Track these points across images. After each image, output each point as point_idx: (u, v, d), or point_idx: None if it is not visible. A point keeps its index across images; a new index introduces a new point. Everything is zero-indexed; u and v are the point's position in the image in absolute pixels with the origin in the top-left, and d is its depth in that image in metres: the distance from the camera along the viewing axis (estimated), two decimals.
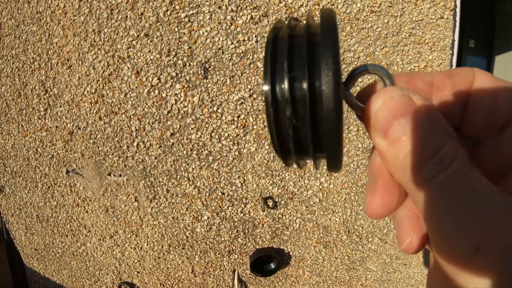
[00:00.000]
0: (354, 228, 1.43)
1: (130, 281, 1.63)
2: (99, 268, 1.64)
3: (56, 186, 1.52)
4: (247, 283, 1.54)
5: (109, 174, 1.40)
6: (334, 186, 1.34)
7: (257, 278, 1.52)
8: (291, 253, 1.46)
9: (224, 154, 1.28)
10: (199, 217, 1.37)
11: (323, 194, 1.34)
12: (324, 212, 1.37)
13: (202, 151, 1.29)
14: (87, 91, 1.36)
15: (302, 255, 1.47)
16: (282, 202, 1.34)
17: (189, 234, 1.41)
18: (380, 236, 1.48)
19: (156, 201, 1.37)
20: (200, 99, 1.27)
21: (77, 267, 1.71)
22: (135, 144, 1.34)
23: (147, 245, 1.48)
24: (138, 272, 1.58)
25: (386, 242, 1.51)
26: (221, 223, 1.37)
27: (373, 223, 1.44)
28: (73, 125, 1.41)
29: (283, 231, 1.40)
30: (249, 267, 1.39)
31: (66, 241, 1.64)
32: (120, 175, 1.39)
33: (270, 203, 1.33)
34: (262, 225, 1.38)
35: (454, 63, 1.37)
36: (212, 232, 1.39)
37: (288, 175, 1.30)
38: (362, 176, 1.35)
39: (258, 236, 1.40)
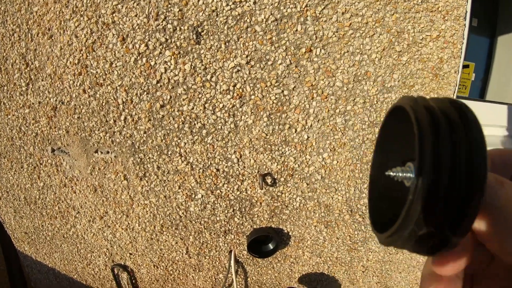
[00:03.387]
0: (357, 207, 1.30)
1: (123, 263, 1.51)
2: (90, 250, 1.51)
3: (42, 166, 1.37)
4: (244, 264, 1.41)
5: (96, 152, 1.25)
6: (337, 162, 1.20)
7: (254, 259, 1.40)
8: (290, 233, 1.33)
9: (219, 127, 1.13)
10: (193, 196, 1.23)
11: (325, 171, 1.20)
12: (326, 190, 1.24)
13: (194, 124, 1.14)
14: (70, 62, 1.20)
15: (302, 235, 1.34)
16: (282, 179, 1.20)
17: (183, 213, 1.27)
18: None
19: (146, 179, 1.23)
20: (192, 67, 1.11)
21: (68, 250, 1.57)
22: (122, 117, 1.18)
23: (139, 225, 1.34)
24: (130, 254, 1.45)
25: None
26: (216, 202, 1.23)
27: None
28: (56, 100, 1.25)
29: (282, 210, 1.27)
30: (246, 247, 1.26)
31: (55, 224, 1.50)
32: (108, 152, 1.24)
33: (269, 180, 1.19)
34: (260, 203, 1.24)
35: (465, 36, 1.21)
36: (206, 212, 1.26)
37: (288, 150, 1.16)
38: (368, 152, 1.21)
39: (256, 216, 1.27)
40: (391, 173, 0.24)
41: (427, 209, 0.16)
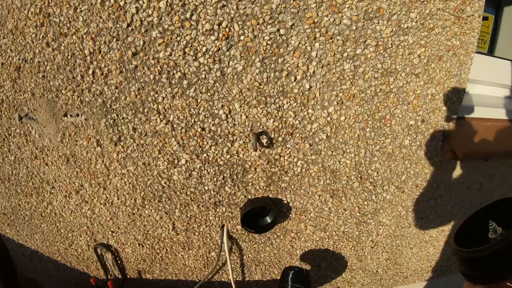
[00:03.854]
0: (368, 174, 1.11)
1: (105, 242, 1.35)
2: (70, 229, 1.35)
3: (11, 137, 1.18)
4: (238, 240, 1.25)
5: (65, 115, 1.06)
6: (345, 118, 1.00)
7: (250, 235, 1.23)
8: (290, 204, 1.16)
9: (202, 76, 0.93)
10: (175, 162, 1.05)
11: (331, 129, 1.01)
12: (332, 152, 1.05)
13: (173, 73, 0.94)
14: (32, 13, 0.98)
15: (304, 206, 1.16)
16: (280, 138, 1.01)
17: (165, 183, 1.10)
18: (398, 184, 1.17)
19: (122, 143, 1.04)
20: (168, 4, 0.89)
21: (48, 229, 1.41)
22: (90, 71, 0.98)
23: (118, 199, 1.17)
24: (112, 232, 1.29)
25: (403, 191, 1.20)
26: (203, 168, 1.05)
27: (391, 168, 1.13)
28: (19, 59, 1.04)
29: (281, 177, 1.08)
30: (239, 222, 1.09)
31: (31, 201, 1.33)
32: (78, 115, 1.05)
33: (264, 141, 1.00)
34: (255, 169, 1.06)
35: None
36: (192, 180, 1.08)
37: (287, 103, 0.96)
38: (381, 106, 1.01)
39: (250, 184, 1.09)
40: (492, 223, 0.38)
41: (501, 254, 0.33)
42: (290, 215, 1.19)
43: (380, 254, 1.40)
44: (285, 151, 1.03)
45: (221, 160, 1.04)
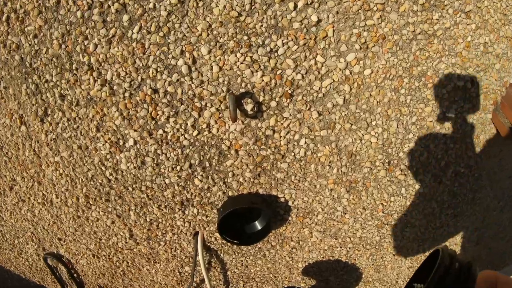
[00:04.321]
0: (399, 158, 0.72)
1: (55, 252, 0.96)
2: (15, 234, 0.96)
3: None
4: (219, 252, 0.85)
5: None
6: (372, 73, 0.61)
7: (234, 245, 0.85)
8: (290, 203, 0.77)
9: (150, 5, 0.54)
10: (121, 143, 0.66)
11: (350, 88, 0.62)
12: (351, 125, 0.65)
13: (108, 5, 0.55)
14: None
15: (309, 205, 0.77)
16: (273, 104, 0.62)
17: (111, 175, 0.70)
18: (435, 171, 0.78)
19: (49, 118, 0.65)
20: None
21: None
22: (3, 18, 0.59)
23: (57, 197, 0.78)
24: (59, 239, 0.90)
25: (440, 181, 0.81)
26: (159, 152, 0.66)
27: (429, 149, 0.74)
28: None
29: (275, 164, 0.69)
30: (217, 231, 0.69)
31: None
32: None
33: (249, 107, 0.61)
34: (236, 151, 0.67)
35: None
36: (146, 170, 0.69)
37: (283, 45, 0.57)
38: (421, 57, 0.62)
39: (230, 174, 0.70)
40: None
41: None
42: (290, 218, 0.79)
43: (402, 262, 1.01)
44: (282, 124, 0.63)
45: (186, 138, 0.64)
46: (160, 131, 0.63)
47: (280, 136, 0.65)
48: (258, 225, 0.74)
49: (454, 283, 0.27)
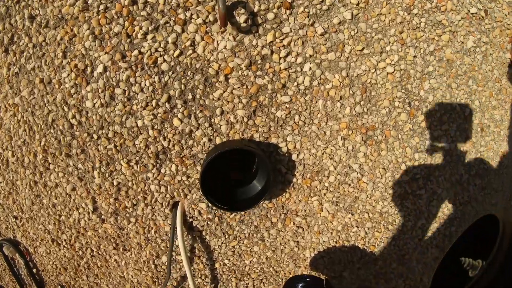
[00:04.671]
0: (420, 97, 0.57)
1: (12, 237, 0.73)
2: None
3: None
4: (204, 233, 0.63)
5: None
6: None
7: (223, 221, 0.63)
8: (294, 157, 0.58)
9: None
10: (89, 71, 0.50)
11: (359, 3, 0.49)
12: (363, 48, 0.51)
13: None
14: None
15: (318, 161, 0.59)
16: (269, 15, 0.48)
17: (74, 117, 0.53)
18: (460, 122, 0.62)
19: (14, 47, 0.51)
20: None
21: None
22: None
23: (13, 155, 0.59)
24: (15, 218, 0.68)
25: (468, 139, 0.64)
26: (132, 80, 0.49)
27: (451, 90, 0.59)
28: None
29: (275, 96, 0.53)
30: (199, 187, 0.50)
31: None
32: None
33: (242, 18, 0.47)
34: (226, 77, 0.51)
35: None
36: (116, 107, 0.51)
37: None
38: None
39: (219, 110, 0.53)
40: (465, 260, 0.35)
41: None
42: (294, 180, 0.60)
43: (427, 251, 0.78)
44: (281, 41, 0.49)
45: (164, 61, 0.49)
46: (135, 52, 0.48)
47: (280, 58, 0.50)
48: (257, 185, 0.55)
49: None
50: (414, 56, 0.51)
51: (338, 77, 0.51)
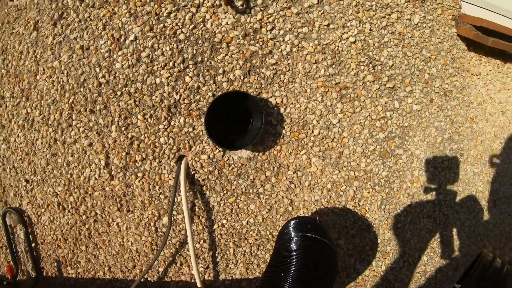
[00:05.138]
0: (382, 63, 0.72)
1: (18, 206, 0.76)
2: None
3: None
4: (204, 188, 0.68)
5: None
6: None
7: (222, 174, 0.69)
8: (282, 111, 0.69)
9: None
10: (122, 39, 0.66)
11: None
12: (329, 23, 0.69)
13: None
14: None
15: (302, 114, 0.69)
16: (259, 1, 0.67)
17: (103, 76, 0.67)
18: (422, 85, 0.75)
19: (62, 21, 0.68)
20: None
21: None
22: None
23: (40, 114, 0.69)
24: (26, 182, 0.73)
25: (431, 99, 0.76)
26: (156, 46, 0.65)
27: (407, 57, 0.74)
28: None
29: (264, 60, 0.67)
30: (203, 123, 0.60)
31: None
32: None
33: (239, 3, 0.66)
34: (227, 45, 0.66)
35: None
36: (140, 67, 0.65)
37: None
38: None
39: (221, 70, 0.66)
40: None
41: None
42: (284, 132, 0.69)
43: (419, 219, 0.79)
44: (267, 19, 0.67)
45: (182, 32, 0.65)
46: (161, 25, 0.65)
47: (267, 32, 0.66)
48: (257, 125, 0.64)
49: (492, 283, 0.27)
50: (371, 30, 0.69)
51: (312, 45, 0.67)
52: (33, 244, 0.77)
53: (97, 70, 0.65)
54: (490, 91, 0.84)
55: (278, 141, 0.68)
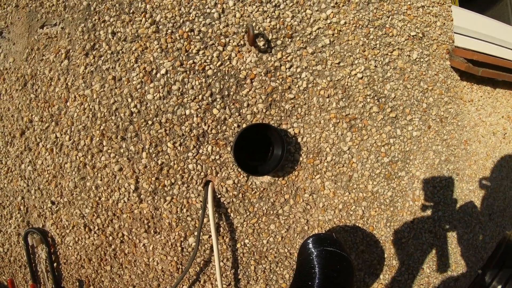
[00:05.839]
0: (385, 95, 0.81)
1: (41, 226, 0.79)
2: (1, 203, 0.81)
3: None
4: (229, 210, 0.75)
5: (42, 27, 0.79)
6: (346, 23, 0.80)
7: (245, 198, 0.76)
8: (299, 140, 0.77)
9: None
10: (154, 72, 0.73)
11: (333, 33, 0.78)
12: (339, 62, 0.78)
13: None
14: None
15: (317, 143, 0.77)
16: (278, 42, 0.76)
17: (135, 107, 0.73)
18: (420, 114, 0.85)
19: (94, 52, 0.73)
20: None
21: None
22: None
23: (70, 139, 0.74)
24: (52, 204, 0.76)
25: (429, 126, 0.86)
26: (186, 80, 0.72)
27: (408, 89, 0.84)
28: None
29: (283, 95, 0.76)
30: (231, 151, 0.67)
31: None
32: (55, 24, 0.77)
33: (261, 43, 0.74)
34: (251, 81, 0.74)
35: None
36: (171, 100, 0.72)
37: (283, 2, 0.77)
38: (378, 14, 0.83)
39: (245, 103, 0.74)
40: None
41: None
42: (301, 159, 0.77)
43: (421, 233, 0.88)
44: (286, 58, 0.76)
45: (210, 68, 0.73)
46: (190, 61, 0.72)
47: (286, 69, 0.75)
48: (273, 151, 0.71)
49: None
50: (375, 66, 0.79)
51: (325, 81, 0.76)
52: (54, 264, 0.80)
53: (129, 100, 0.72)
54: (482, 115, 0.95)
55: (296, 167, 0.75)
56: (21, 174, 0.76)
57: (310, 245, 0.59)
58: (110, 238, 0.74)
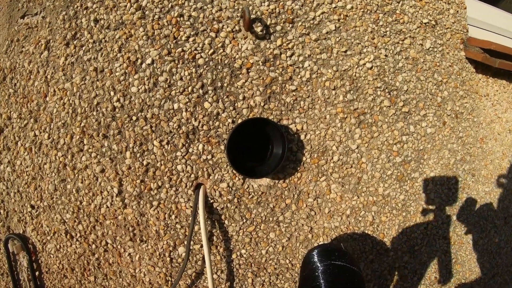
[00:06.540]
0: (397, 87, 0.73)
1: (22, 231, 0.71)
2: None
3: None
4: (223, 217, 0.67)
5: (23, 16, 0.71)
6: (353, 8, 0.71)
7: (241, 203, 0.68)
8: (302, 137, 0.69)
9: None
10: (138, 62, 0.65)
11: (339, 19, 0.70)
12: (346, 49, 0.70)
13: None
14: None
15: (322, 141, 0.69)
16: (278, 27, 0.67)
17: (118, 100, 0.65)
18: (435, 109, 0.77)
19: (75, 42, 0.65)
20: None
21: None
22: None
23: (49, 137, 0.66)
24: (32, 208, 0.69)
25: (444, 122, 0.78)
26: (174, 70, 0.64)
27: (421, 81, 0.76)
28: None
29: (284, 85, 0.67)
30: (224, 151, 0.58)
31: None
32: (36, 14, 0.70)
33: (259, 29, 0.66)
34: (247, 70, 0.66)
35: None
36: (157, 92, 0.64)
37: None
38: None
39: (241, 96, 0.66)
40: None
41: None
42: (304, 159, 0.69)
43: (435, 240, 0.80)
44: (286, 45, 0.67)
45: (201, 57, 0.65)
46: (179, 49, 0.64)
47: (287, 57, 0.67)
48: (278, 152, 0.63)
49: None
50: (386, 56, 0.70)
51: (330, 71, 0.67)
52: (36, 273, 0.72)
53: (112, 93, 0.64)
54: (498, 110, 0.86)
55: (298, 168, 0.67)
56: (0, 175, 0.68)
57: (315, 258, 0.51)
58: (93, 246, 0.67)
